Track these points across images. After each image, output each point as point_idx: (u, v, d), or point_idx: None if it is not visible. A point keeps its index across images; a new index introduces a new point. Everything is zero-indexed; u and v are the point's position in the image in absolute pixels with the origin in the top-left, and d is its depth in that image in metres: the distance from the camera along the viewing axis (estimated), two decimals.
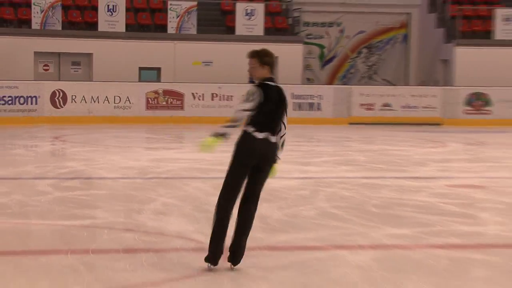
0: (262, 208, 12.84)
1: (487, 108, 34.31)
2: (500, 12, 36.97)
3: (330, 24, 39.28)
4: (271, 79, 8.55)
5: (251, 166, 8.44)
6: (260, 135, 8.32)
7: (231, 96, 33.01)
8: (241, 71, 34.37)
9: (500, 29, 36.80)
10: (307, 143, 25.42)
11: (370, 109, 33.74)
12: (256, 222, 11.70)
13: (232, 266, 8.46)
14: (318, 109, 33.85)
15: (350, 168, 18.74)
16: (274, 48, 33.86)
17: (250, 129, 8.33)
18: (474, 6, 37.81)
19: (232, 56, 34.45)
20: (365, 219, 11.99)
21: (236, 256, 8.39)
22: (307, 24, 37.93)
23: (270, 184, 15.90)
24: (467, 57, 36.35)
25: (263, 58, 8.48)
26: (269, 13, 35.67)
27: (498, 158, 21.56)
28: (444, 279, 8.65)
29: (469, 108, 34.20)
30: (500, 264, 9.48)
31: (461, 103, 34.24)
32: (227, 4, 36.06)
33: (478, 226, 11.90)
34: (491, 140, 27.51)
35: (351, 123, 33.15)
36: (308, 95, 34.15)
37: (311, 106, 34.00)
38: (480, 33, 37.11)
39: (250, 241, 10.57)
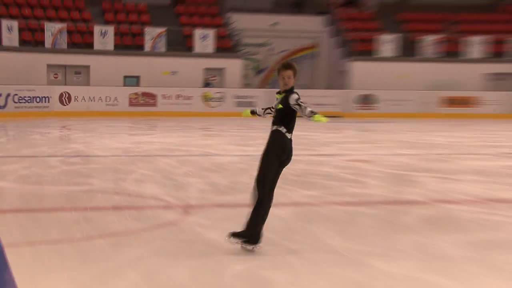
0: (213, 177, 12.91)
1: (374, 105, 34.61)
2: (382, 37, 37.26)
3: (262, 45, 39.27)
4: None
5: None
6: (289, 136, 7.24)
7: (191, 96, 33.18)
8: (198, 78, 34.56)
9: (383, 49, 37.10)
10: (245, 130, 25.44)
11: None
12: (207, 187, 11.80)
13: (254, 248, 7.35)
14: (253, 106, 33.89)
15: None
16: (221, 62, 33.67)
17: (283, 130, 7.21)
18: (365, 32, 38.02)
19: (191, 67, 34.58)
20: (286, 184, 12.01)
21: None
22: (245, 44, 37.87)
23: (217, 159, 15.96)
24: (359, 68, 36.67)
25: (295, 70, 7.32)
26: (218, 37, 35.58)
27: (381, 141, 21.77)
28: (342, 227, 8.76)
29: (361, 105, 34.46)
30: (382, 216, 9.61)
31: (356, 102, 34.52)
32: (187, 30, 35.89)
33: (366, 189, 12.02)
34: (377, 128, 27.75)
35: None
36: (246, 96, 34.20)
37: (248, 103, 34.01)
38: (368, 51, 37.37)
39: (203, 200, 10.63)
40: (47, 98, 31.35)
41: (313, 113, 6.90)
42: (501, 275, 6.71)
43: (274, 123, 7.29)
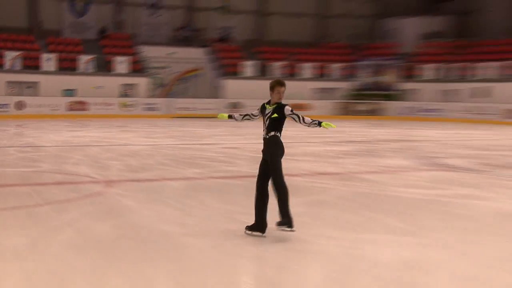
0: (128, 160, 12.59)
1: (241, 109, 34.66)
2: (245, 63, 37.46)
3: (163, 67, 38.62)
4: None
5: None
6: (281, 139, 6.30)
7: (112, 103, 32.50)
8: (117, 91, 33.70)
9: (245, 71, 37.35)
10: (151, 128, 25.00)
11: (187, 109, 33.85)
12: (124, 167, 11.50)
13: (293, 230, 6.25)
14: (157, 110, 33.49)
15: (173, 139, 18.60)
16: (134, 79, 32.65)
17: (279, 135, 6.27)
18: (233, 59, 38.16)
19: (112, 83, 33.80)
20: (180, 164, 11.95)
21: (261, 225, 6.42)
22: (151, 67, 37.17)
23: (131, 148, 15.55)
24: (229, 84, 36.76)
25: (285, 87, 6.26)
26: (131, 62, 34.87)
27: (245, 134, 21.89)
28: (219, 194, 8.75)
29: (231, 109, 34.45)
30: (247, 185, 9.57)
31: (227, 107, 34.59)
32: (109, 57, 34.92)
33: (236, 167, 12.03)
34: (242, 125, 27.78)
35: (174, 117, 32.93)
36: (151, 103, 33.78)
37: (153, 108, 33.61)
38: (235, 72, 37.57)
39: (121, 177, 10.34)
40: (7, 105, 29.89)
41: (315, 120, 6.16)
42: (326, 224, 6.91)
43: (269, 130, 6.29)
